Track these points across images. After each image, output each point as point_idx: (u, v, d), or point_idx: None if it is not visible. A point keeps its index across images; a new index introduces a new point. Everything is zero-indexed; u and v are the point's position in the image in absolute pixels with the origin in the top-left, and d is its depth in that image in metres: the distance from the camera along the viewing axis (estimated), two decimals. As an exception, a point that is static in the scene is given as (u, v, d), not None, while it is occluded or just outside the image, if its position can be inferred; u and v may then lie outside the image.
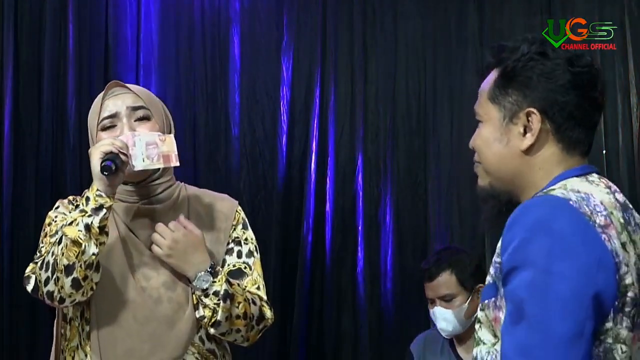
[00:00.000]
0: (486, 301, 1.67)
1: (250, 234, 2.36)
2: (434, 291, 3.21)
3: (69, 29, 4.36)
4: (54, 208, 2.29)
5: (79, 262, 2.06)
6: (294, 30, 4.56)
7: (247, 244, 2.34)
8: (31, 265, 2.15)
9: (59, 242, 2.08)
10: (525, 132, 1.70)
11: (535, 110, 1.68)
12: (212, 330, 2.20)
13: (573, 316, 1.49)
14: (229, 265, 2.31)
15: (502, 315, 1.62)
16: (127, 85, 2.28)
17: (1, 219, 4.19)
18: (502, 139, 1.72)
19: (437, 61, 4.48)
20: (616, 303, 1.56)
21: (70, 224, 2.08)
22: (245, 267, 2.32)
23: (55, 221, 2.22)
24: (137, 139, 2.15)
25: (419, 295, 3.91)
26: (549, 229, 1.54)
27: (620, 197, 1.69)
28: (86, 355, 2.17)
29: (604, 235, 1.57)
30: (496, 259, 1.65)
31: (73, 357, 2.20)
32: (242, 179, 4.46)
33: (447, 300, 3.19)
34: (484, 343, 1.67)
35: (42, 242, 2.21)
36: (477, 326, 1.70)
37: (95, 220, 2.07)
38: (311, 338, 4.40)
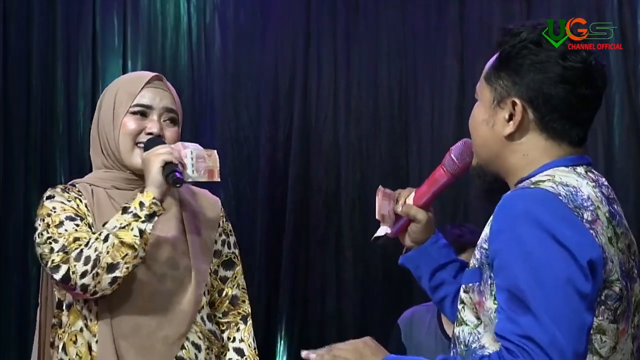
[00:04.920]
0: (470, 284, 1.68)
1: (230, 226, 2.49)
2: None
3: (57, 18, 4.39)
4: (47, 198, 2.26)
5: (124, 262, 2.11)
6: (278, 17, 4.60)
7: (232, 235, 2.48)
8: (61, 254, 2.13)
9: (105, 240, 2.11)
10: (509, 119, 1.69)
11: (518, 101, 1.68)
12: None
13: (570, 300, 1.51)
14: (223, 255, 2.44)
15: (485, 300, 1.64)
16: (168, 84, 2.36)
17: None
18: (489, 121, 1.73)
19: (418, 48, 4.52)
20: (599, 297, 1.59)
21: (124, 227, 2.12)
22: (234, 257, 2.47)
23: (55, 211, 2.21)
24: (188, 151, 2.21)
25: (401, 277, 4.00)
26: (539, 222, 1.54)
27: (605, 190, 1.69)
28: (94, 335, 2.21)
29: (592, 231, 1.58)
30: (483, 244, 1.65)
31: (75, 341, 2.23)
32: (227, 163, 4.50)
33: None
34: (466, 324, 1.69)
35: (49, 232, 2.18)
36: (460, 307, 1.72)
37: (149, 227, 2.13)
38: (296, 320, 4.46)
